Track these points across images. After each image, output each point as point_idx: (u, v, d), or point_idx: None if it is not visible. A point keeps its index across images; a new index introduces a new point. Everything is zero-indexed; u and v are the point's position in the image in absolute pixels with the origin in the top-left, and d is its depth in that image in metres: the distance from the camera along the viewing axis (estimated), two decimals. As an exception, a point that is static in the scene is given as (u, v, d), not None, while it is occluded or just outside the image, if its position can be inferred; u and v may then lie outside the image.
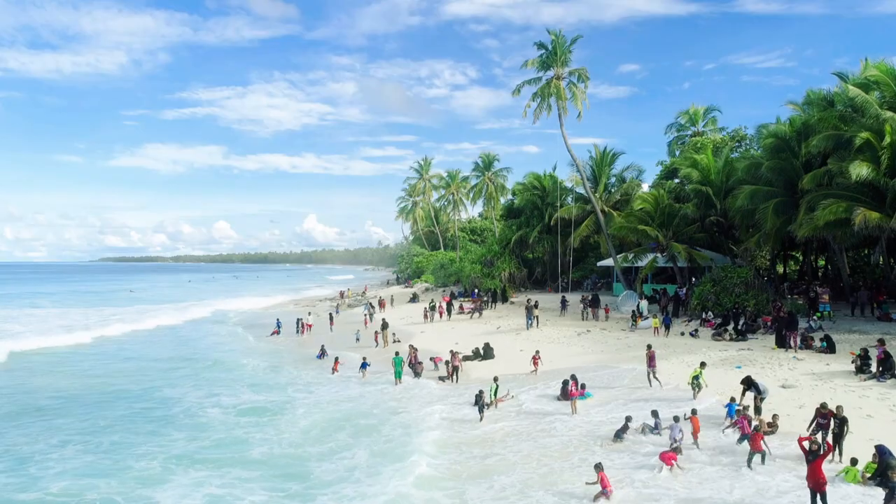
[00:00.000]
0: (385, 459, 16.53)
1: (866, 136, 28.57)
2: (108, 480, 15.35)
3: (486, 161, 73.44)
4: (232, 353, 35.95)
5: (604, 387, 22.63)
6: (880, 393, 18.58)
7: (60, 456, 17.36)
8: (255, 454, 17.41)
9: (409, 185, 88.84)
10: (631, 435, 16.90)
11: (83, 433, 19.51)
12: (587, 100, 44.17)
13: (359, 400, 23.55)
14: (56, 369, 30.95)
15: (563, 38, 42.86)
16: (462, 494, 14.10)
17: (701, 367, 20.12)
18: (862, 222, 27.16)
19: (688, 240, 40.79)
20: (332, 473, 15.80)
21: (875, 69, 31.34)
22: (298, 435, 19.20)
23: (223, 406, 22.76)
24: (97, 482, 15.25)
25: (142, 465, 16.43)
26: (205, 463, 16.56)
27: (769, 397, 18.18)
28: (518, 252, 56.72)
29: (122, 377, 28.70)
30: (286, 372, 29.61)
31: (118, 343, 40.89)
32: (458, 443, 17.87)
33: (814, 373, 21.45)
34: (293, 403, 23.06)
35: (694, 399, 19.11)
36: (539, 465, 15.55)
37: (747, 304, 32.92)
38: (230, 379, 27.78)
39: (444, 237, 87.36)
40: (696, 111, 59.28)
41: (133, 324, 49.58)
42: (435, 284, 70.40)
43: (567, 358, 27.54)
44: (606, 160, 52.22)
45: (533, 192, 55.96)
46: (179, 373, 29.66)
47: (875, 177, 28.19)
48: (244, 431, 19.62)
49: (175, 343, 40.88)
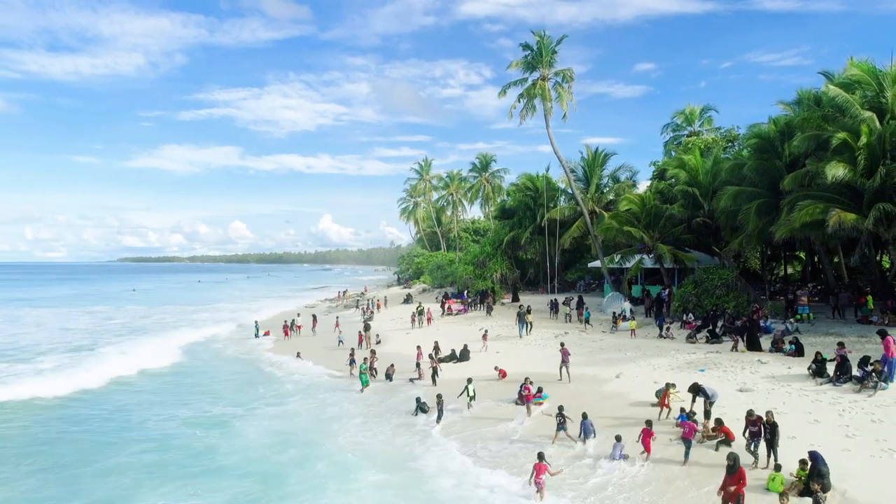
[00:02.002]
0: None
1: (843, 137, 28.20)
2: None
3: (483, 162, 73.43)
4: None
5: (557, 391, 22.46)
6: (833, 398, 18.38)
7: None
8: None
9: (410, 185, 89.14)
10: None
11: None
12: (573, 100, 44.05)
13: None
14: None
15: (548, 38, 42.72)
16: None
17: (671, 387, 19.17)
18: (836, 223, 26.84)
19: (674, 241, 40.51)
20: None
21: (856, 68, 30.92)
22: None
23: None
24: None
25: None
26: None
27: (722, 401, 18.03)
28: (511, 253, 56.60)
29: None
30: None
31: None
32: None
33: (773, 376, 21.25)
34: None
35: (658, 420, 17.78)
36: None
37: (727, 306, 32.66)
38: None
39: (446, 238, 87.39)
40: (693, 111, 58.71)
41: (122, 361, 32.51)
42: (432, 285, 70.45)
43: (538, 361, 27.46)
44: (598, 161, 51.97)
45: (525, 193, 55.80)
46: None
47: (852, 177, 27.81)
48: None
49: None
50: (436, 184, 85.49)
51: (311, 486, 15.30)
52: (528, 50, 42.70)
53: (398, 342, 36.30)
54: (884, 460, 13.98)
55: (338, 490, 15.01)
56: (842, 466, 13.74)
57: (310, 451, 17.92)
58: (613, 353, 27.56)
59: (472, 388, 20.90)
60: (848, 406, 17.51)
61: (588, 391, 21.91)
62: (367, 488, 15.12)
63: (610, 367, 24.91)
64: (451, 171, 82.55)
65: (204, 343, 41.68)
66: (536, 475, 13.76)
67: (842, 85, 31.37)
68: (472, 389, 20.96)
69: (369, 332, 37.81)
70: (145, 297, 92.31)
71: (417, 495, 14.70)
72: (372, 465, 16.62)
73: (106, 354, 34.65)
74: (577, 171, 52.90)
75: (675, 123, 59.87)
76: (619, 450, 15.48)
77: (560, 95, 42.94)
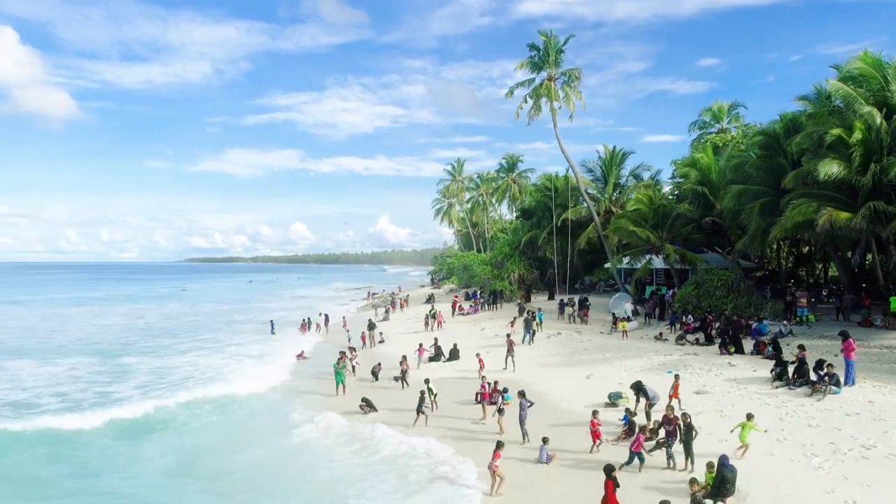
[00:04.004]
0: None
1: (838, 133, 27.27)
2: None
3: (509, 162, 73.48)
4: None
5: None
6: (783, 401, 18.03)
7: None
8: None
9: (444, 186, 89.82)
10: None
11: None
12: (583, 100, 43.72)
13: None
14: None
15: (555, 38, 42.55)
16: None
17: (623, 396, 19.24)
18: (827, 223, 25.99)
19: (684, 241, 39.75)
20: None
21: (860, 61, 29.72)
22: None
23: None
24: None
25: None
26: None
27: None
28: (530, 254, 56.51)
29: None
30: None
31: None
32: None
33: (736, 379, 20.91)
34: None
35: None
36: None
37: (725, 308, 31.98)
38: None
39: (479, 238, 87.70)
40: (721, 108, 57.12)
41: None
42: (459, 286, 70.97)
43: (522, 361, 27.65)
44: (616, 160, 51.31)
45: (545, 193, 55.60)
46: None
47: (847, 175, 26.84)
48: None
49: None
50: (467, 185, 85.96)
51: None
52: (535, 50, 42.71)
53: (399, 342, 36.88)
54: (800, 465, 13.77)
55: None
56: (757, 471, 13.68)
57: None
58: (594, 354, 27.51)
59: (432, 388, 21.40)
60: (793, 410, 17.18)
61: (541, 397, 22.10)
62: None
63: (585, 367, 24.94)
64: (481, 173, 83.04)
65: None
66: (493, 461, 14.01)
67: (848, 79, 30.25)
68: (432, 388, 21.45)
69: (373, 331, 38.71)
70: (193, 296, 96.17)
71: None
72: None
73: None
74: (596, 171, 52.41)
75: (702, 121, 58.47)
76: (545, 452, 15.68)
77: (567, 95, 42.73)
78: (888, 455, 13.66)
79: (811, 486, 12.70)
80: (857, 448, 14.19)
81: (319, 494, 14.85)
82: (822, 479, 12.97)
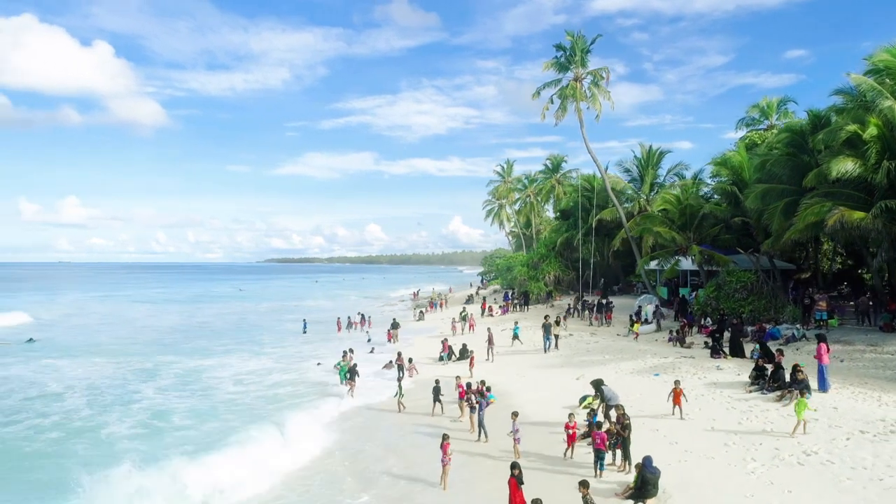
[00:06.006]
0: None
1: (853, 129, 26.14)
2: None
3: (554, 163, 73.02)
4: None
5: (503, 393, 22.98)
6: (750, 406, 17.74)
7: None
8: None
9: (494, 187, 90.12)
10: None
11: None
12: (611, 99, 43.16)
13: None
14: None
15: (582, 38, 42.23)
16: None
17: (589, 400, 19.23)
18: (837, 223, 24.97)
19: (713, 241, 38.75)
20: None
21: (886, 53, 28.31)
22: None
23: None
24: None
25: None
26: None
27: (647, 406, 18.04)
28: (567, 254, 56.19)
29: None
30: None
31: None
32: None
33: (716, 383, 20.61)
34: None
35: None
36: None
37: (742, 311, 31.10)
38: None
39: (530, 239, 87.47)
40: (770, 104, 54.80)
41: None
42: (503, 286, 71.21)
43: (518, 362, 28.04)
44: (652, 160, 50.38)
45: (582, 194, 55.15)
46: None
47: (864, 172, 25.68)
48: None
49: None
50: (516, 185, 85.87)
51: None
52: (561, 51, 42.59)
53: (421, 342, 37.54)
54: (735, 469, 13.67)
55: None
56: (690, 473, 13.75)
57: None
58: (595, 356, 27.50)
59: (403, 387, 22.18)
60: (757, 415, 16.92)
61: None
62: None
63: (579, 368, 25.02)
64: (529, 174, 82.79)
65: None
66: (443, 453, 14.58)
67: (874, 72, 28.85)
68: (403, 388, 22.22)
69: (397, 329, 39.80)
70: (248, 296, 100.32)
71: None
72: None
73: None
74: (632, 171, 51.64)
75: (749, 118, 56.36)
76: (515, 426, 15.95)
77: (594, 95, 42.38)
78: (825, 462, 13.39)
79: (733, 490, 12.64)
80: (798, 454, 13.94)
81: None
82: (748, 483, 12.88)
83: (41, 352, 36.85)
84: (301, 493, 14.80)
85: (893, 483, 12.03)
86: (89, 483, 14.53)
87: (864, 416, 15.68)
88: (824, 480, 12.57)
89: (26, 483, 15.52)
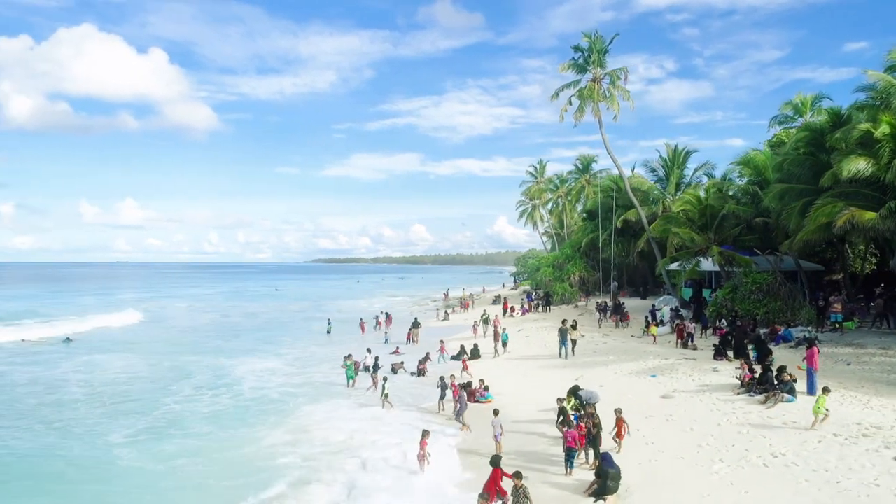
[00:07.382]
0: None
1: (865, 128, 25.58)
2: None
3: (584, 163, 72.54)
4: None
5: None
6: (733, 408, 17.72)
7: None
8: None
9: (526, 188, 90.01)
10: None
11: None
12: (630, 99, 42.87)
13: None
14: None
15: (599, 38, 42.10)
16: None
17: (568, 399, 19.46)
18: (847, 224, 24.50)
19: (734, 242, 38.15)
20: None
21: (904, 48, 27.56)
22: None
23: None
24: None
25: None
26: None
27: (638, 407, 18.22)
28: (593, 255, 55.89)
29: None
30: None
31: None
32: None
33: (708, 385, 20.57)
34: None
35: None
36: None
37: (757, 313, 30.65)
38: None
39: (561, 239, 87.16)
40: (804, 100, 53.25)
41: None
42: (532, 287, 71.16)
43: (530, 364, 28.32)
44: (678, 160, 49.76)
45: (608, 194, 54.80)
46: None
47: (877, 171, 25.11)
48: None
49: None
50: (548, 186, 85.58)
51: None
52: (579, 52, 42.50)
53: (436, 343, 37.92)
54: (700, 470, 13.79)
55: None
56: (656, 472, 13.98)
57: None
58: (600, 357, 27.59)
59: (386, 387, 22.60)
60: (738, 417, 16.90)
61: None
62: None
63: (580, 370, 25.15)
64: (560, 174, 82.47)
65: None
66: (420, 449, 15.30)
67: (893, 68, 28.12)
68: (387, 387, 22.51)
69: (417, 329, 40.50)
70: (284, 294, 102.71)
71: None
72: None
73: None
74: (658, 171, 51.09)
75: (783, 115, 54.93)
76: (498, 426, 16.41)
77: (612, 96, 42.16)
78: (789, 464, 13.40)
79: (692, 490, 12.82)
80: (765, 456, 13.98)
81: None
82: (708, 484, 13.02)
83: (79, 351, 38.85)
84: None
85: (849, 485, 12.03)
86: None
87: (842, 420, 15.53)
88: (784, 482, 12.62)
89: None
